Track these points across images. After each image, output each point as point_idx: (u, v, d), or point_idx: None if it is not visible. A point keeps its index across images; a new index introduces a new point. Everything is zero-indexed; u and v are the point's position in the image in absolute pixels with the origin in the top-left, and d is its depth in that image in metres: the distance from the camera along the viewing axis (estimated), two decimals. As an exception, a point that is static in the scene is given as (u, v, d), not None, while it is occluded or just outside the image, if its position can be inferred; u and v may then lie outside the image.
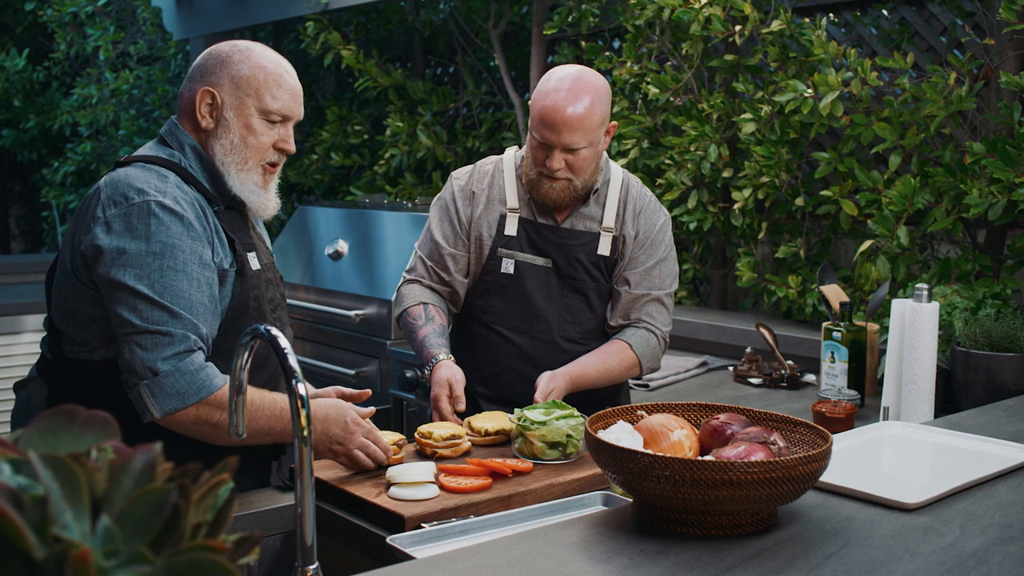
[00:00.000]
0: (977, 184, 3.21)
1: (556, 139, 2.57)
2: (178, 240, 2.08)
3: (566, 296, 2.74)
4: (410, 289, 2.80)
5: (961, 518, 1.74)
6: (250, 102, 2.22)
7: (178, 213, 2.09)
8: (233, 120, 2.22)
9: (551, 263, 2.73)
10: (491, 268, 2.74)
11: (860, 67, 3.54)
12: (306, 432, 1.60)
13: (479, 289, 2.76)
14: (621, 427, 1.86)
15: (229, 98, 2.22)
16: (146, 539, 0.74)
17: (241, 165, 2.23)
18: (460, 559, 1.53)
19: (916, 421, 2.56)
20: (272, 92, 2.23)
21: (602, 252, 2.74)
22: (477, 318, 2.78)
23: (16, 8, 8.89)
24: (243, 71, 2.22)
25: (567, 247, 2.73)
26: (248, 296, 2.23)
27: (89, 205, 2.13)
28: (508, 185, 2.76)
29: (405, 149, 5.77)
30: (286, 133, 2.28)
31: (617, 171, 2.82)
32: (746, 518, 1.62)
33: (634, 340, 2.75)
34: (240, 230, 2.28)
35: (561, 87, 2.58)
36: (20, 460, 0.76)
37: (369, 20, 6.71)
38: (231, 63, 2.23)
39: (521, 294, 2.73)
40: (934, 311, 2.62)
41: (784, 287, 3.84)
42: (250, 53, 2.25)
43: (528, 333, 2.73)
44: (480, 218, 2.75)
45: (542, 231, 2.73)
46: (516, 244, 2.73)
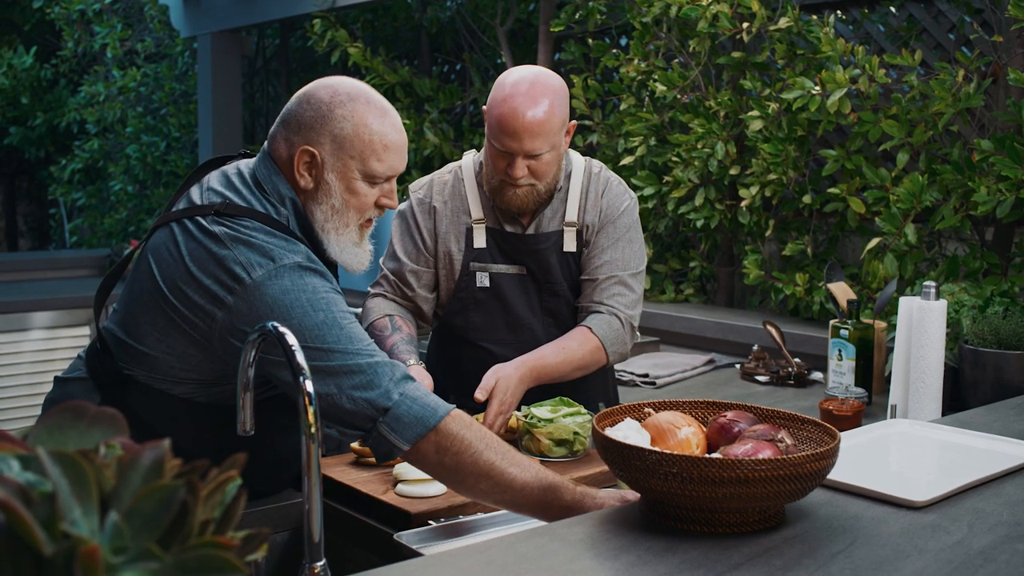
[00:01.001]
0: (985, 182, 3.21)
1: (518, 147, 2.48)
2: (333, 293, 1.96)
3: (546, 301, 2.67)
4: (375, 303, 2.71)
5: (969, 516, 1.73)
6: (353, 164, 2.04)
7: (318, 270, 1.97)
8: (335, 183, 2.05)
9: (525, 270, 2.66)
10: (466, 284, 2.66)
11: (868, 64, 3.54)
12: (313, 429, 1.60)
13: (456, 307, 2.68)
14: (628, 424, 1.86)
15: (330, 159, 2.04)
16: (154, 535, 0.74)
17: (342, 229, 2.08)
18: (467, 556, 1.53)
19: (924, 419, 2.56)
20: (378, 155, 2.05)
21: (568, 249, 2.66)
22: (459, 337, 2.70)
23: (24, 6, 8.91)
24: (346, 130, 2.03)
25: (536, 252, 2.65)
26: None
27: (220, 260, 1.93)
28: (470, 195, 2.67)
29: (412, 147, 5.78)
30: (389, 189, 2.12)
31: (579, 162, 2.74)
32: (753, 516, 1.62)
33: (595, 324, 2.63)
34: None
35: (518, 91, 2.49)
36: (29, 456, 0.76)
37: (376, 17, 6.71)
38: (332, 120, 2.03)
39: (501, 306, 2.66)
40: (942, 309, 2.61)
41: (791, 285, 3.84)
42: (354, 107, 2.04)
43: (514, 345, 2.64)
44: (446, 233, 2.67)
45: (510, 239, 2.66)
46: (487, 256, 2.66)
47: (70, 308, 5.24)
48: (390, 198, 2.12)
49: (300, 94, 2.09)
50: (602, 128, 4.67)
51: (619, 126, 4.55)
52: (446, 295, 2.69)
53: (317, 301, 1.92)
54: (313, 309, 1.91)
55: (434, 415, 1.87)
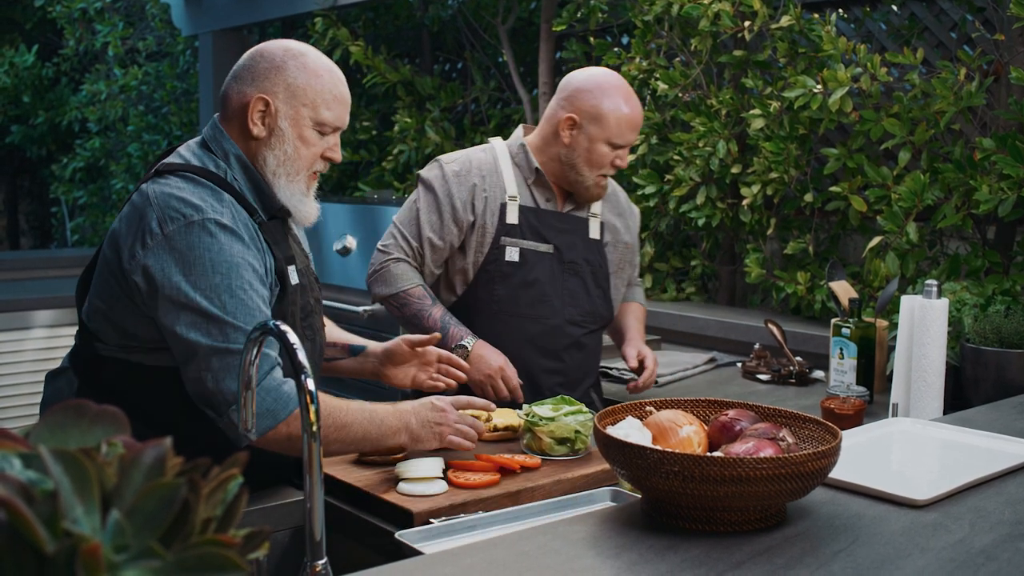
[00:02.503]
0: (987, 180, 3.20)
1: (634, 138, 2.80)
2: (240, 259, 2.04)
3: (567, 280, 2.83)
4: (401, 269, 2.79)
5: (971, 515, 1.73)
6: (305, 112, 2.16)
7: (238, 233, 2.06)
8: (288, 130, 2.16)
9: (552, 248, 2.81)
10: (495, 257, 2.77)
11: (870, 63, 3.53)
12: (315, 427, 1.60)
13: (482, 279, 2.79)
14: (630, 423, 1.86)
15: (284, 107, 2.16)
16: (156, 534, 0.74)
17: (293, 176, 2.19)
18: (468, 555, 1.53)
19: (925, 418, 2.56)
20: (328, 104, 2.18)
21: (593, 236, 2.89)
22: (480, 309, 2.80)
23: (25, 4, 8.92)
24: (300, 80, 2.16)
25: (567, 232, 2.85)
26: (287, 311, 2.19)
27: (143, 216, 2.05)
28: (506, 173, 2.83)
29: (413, 145, 5.77)
30: (335, 142, 2.24)
31: None
32: (755, 514, 1.62)
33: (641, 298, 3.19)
34: (281, 241, 2.23)
35: (625, 91, 2.79)
36: (30, 455, 0.76)
37: (377, 16, 6.71)
38: (286, 70, 2.16)
39: (526, 281, 2.78)
40: (944, 307, 2.61)
41: (793, 283, 3.83)
42: (305, 60, 2.18)
43: (534, 318, 2.80)
44: (483, 207, 2.78)
45: (544, 217, 2.82)
46: (518, 232, 2.79)
47: (71, 307, 5.21)
48: (334, 151, 2.24)
49: (251, 51, 2.22)
50: (603, 127, 4.66)
51: (621, 124, 4.54)
52: (472, 268, 2.79)
53: (220, 263, 2.02)
54: (213, 270, 2.01)
55: (285, 408, 1.99)
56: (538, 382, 2.81)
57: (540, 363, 2.81)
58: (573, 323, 2.83)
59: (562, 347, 2.82)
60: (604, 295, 2.89)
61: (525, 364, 2.78)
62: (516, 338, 2.79)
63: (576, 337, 2.84)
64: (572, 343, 2.83)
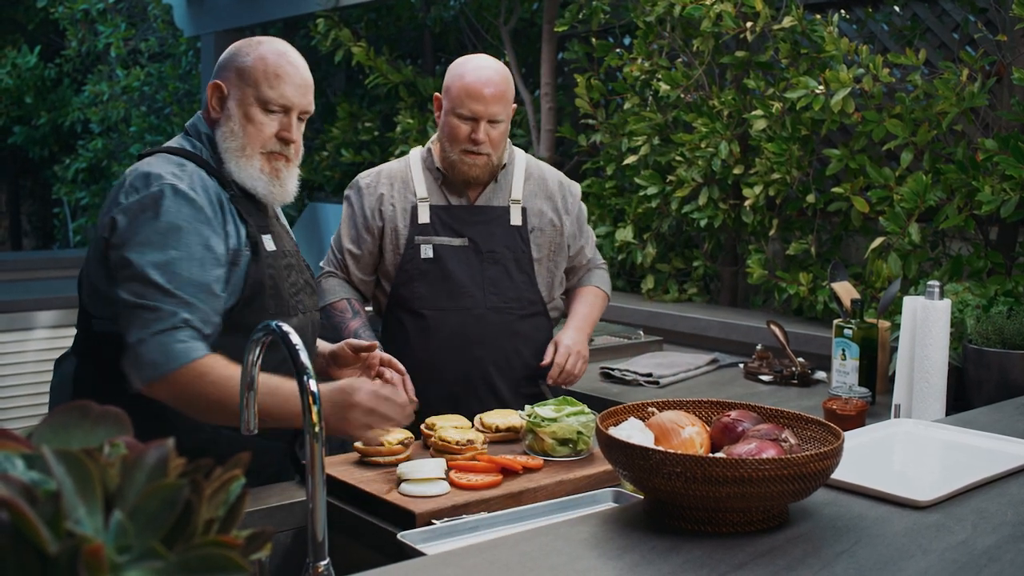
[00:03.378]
0: (989, 181, 3.20)
1: (484, 110, 2.78)
2: (186, 223, 2.13)
3: (487, 269, 2.89)
4: (330, 283, 2.98)
5: (973, 516, 1.73)
6: (250, 92, 2.27)
7: (190, 197, 2.15)
8: (235, 110, 2.29)
9: (467, 241, 2.88)
10: (411, 256, 2.87)
11: (872, 64, 3.53)
12: (317, 428, 1.60)
13: (402, 279, 2.89)
14: (632, 424, 1.86)
15: (233, 90, 2.29)
16: (159, 534, 0.74)
17: (239, 152, 2.28)
18: (471, 555, 1.53)
19: (928, 419, 2.55)
20: (270, 82, 2.27)
21: (514, 223, 2.92)
22: (404, 307, 2.90)
23: (28, 5, 8.92)
24: (247, 63, 2.29)
25: (482, 223, 2.90)
26: (263, 275, 2.26)
27: (115, 193, 2.20)
28: (416, 178, 2.93)
29: (415, 145, 5.76)
30: (288, 122, 2.31)
31: (519, 151, 3.04)
32: (757, 515, 1.62)
33: (599, 281, 3.13)
34: (256, 214, 2.32)
35: (480, 65, 2.83)
36: (33, 455, 0.76)
37: (379, 17, 6.71)
38: (239, 56, 2.31)
39: (443, 275, 2.87)
40: (946, 308, 2.61)
41: (795, 284, 3.83)
42: (259, 46, 2.32)
43: (455, 310, 2.87)
44: (392, 212, 2.90)
45: (456, 212, 2.90)
46: (431, 230, 2.88)
47: (74, 307, 5.22)
48: (287, 131, 2.30)
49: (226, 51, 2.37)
50: (605, 127, 4.67)
51: (623, 125, 4.55)
52: (393, 269, 2.91)
53: (170, 230, 2.11)
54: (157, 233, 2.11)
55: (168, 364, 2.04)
56: (473, 373, 2.87)
57: (471, 353, 2.86)
58: (496, 310, 2.89)
59: (489, 335, 2.88)
60: (529, 280, 2.93)
61: (456, 356, 2.86)
62: (442, 331, 2.87)
63: (505, 323, 2.89)
64: (503, 330, 2.89)
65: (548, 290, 2.98)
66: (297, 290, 2.38)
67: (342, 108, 6.47)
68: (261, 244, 2.28)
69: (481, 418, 2.50)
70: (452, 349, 2.86)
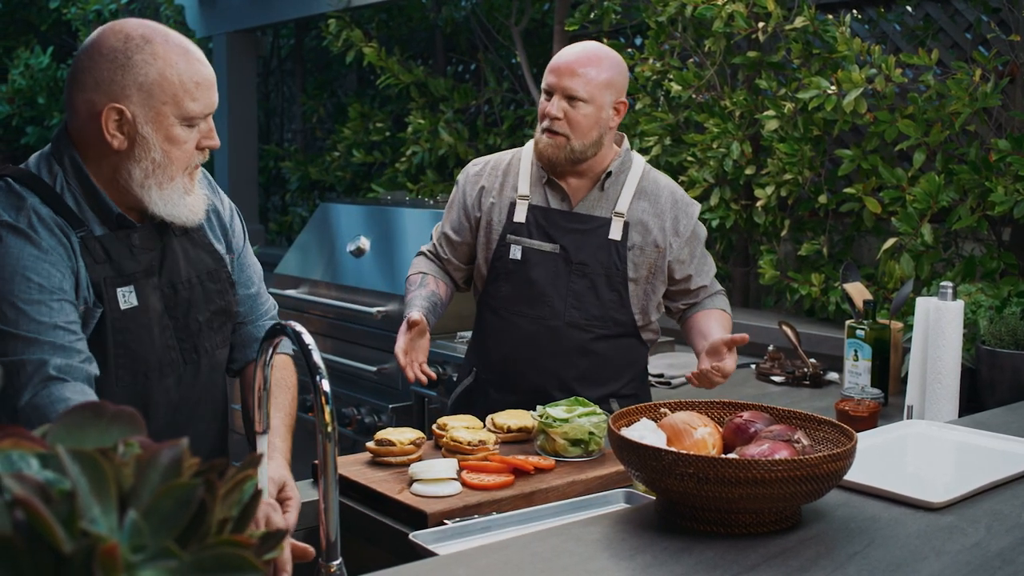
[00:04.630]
0: (1002, 182, 3.19)
1: (557, 82, 2.67)
2: (29, 263, 1.86)
3: (573, 282, 2.73)
4: (417, 260, 2.92)
5: (987, 518, 1.72)
6: (168, 111, 1.91)
7: (29, 236, 1.87)
8: (152, 136, 1.92)
9: (559, 248, 2.74)
10: (500, 255, 2.78)
11: (884, 64, 3.52)
12: (329, 428, 1.60)
13: (491, 276, 2.81)
14: (644, 424, 1.86)
15: (142, 111, 1.90)
16: (173, 534, 0.74)
17: (166, 183, 1.95)
18: (483, 556, 1.53)
19: (940, 420, 2.55)
20: (192, 94, 1.93)
21: (613, 237, 2.73)
22: (487, 304, 2.83)
23: (41, 6, 8.95)
24: (151, 76, 1.89)
25: (577, 232, 2.74)
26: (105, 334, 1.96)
27: None
28: (522, 172, 2.81)
29: (427, 146, 5.78)
30: (207, 127, 1.99)
31: (639, 161, 2.84)
32: (770, 516, 1.62)
33: (724, 305, 2.86)
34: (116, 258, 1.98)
35: (577, 45, 2.76)
36: (48, 455, 0.76)
37: (391, 17, 6.72)
38: (133, 68, 1.89)
39: (527, 280, 2.75)
40: (959, 309, 2.60)
41: (807, 285, 3.83)
42: (153, 49, 1.91)
43: (532, 318, 2.75)
44: (491, 205, 2.81)
45: (552, 216, 2.76)
46: (524, 231, 2.76)
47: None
48: (210, 137, 2.00)
49: (88, 46, 1.93)
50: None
51: (634, 126, 4.54)
52: (484, 264, 2.82)
53: (4, 269, 1.85)
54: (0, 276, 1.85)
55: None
56: (546, 385, 2.74)
57: (544, 364, 2.73)
58: (575, 326, 2.72)
59: (562, 350, 2.72)
60: (620, 299, 2.73)
61: (528, 365, 2.76)
62: (514, 336, 2.77)
63: (582, 341, 2.73)
64: (576, 347, 2.72)
65: (642, 313, 2.78)
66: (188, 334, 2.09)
67: (353, 108, 6.48)
68: (106, 300, 1.96)
69: (492, 418, 2.49)
70: (525, 357, 2.75)
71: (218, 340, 2.16)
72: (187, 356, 2.09)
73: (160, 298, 2.04)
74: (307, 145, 7.65)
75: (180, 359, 2.07)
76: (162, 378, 2.04)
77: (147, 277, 2.01)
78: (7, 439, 0.77)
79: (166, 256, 2.05)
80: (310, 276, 4.73)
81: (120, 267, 1.97)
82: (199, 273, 2.11)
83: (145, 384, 2.02)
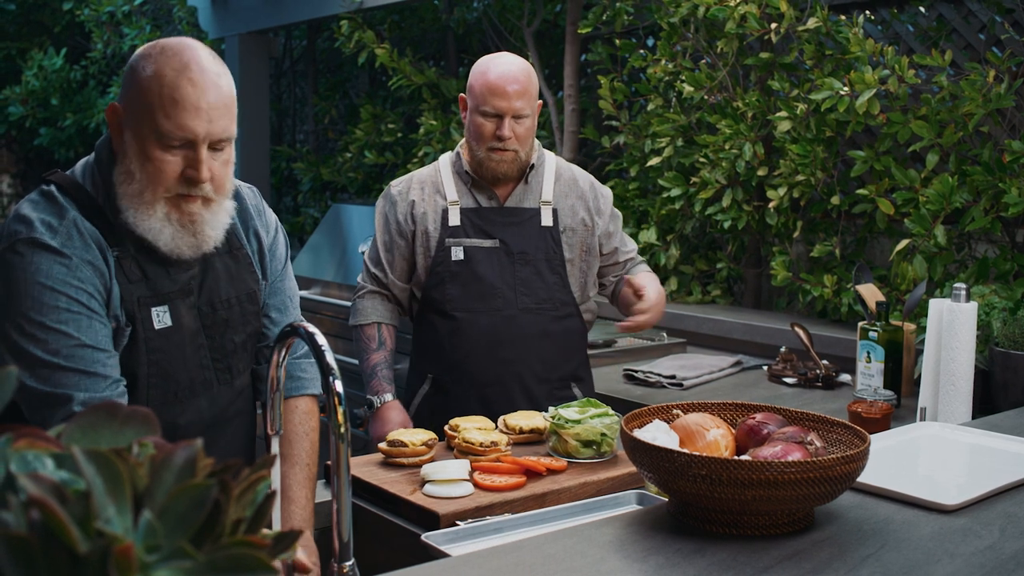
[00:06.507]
0: (1016, 183, 3.18)
1: (507, 106, 2.79)
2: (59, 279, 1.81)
3: (518, 270, 2.88)
4: (364, 304, 2.97)
5: (1001, 520, 1.72)
6: (145, 121, 1.82)
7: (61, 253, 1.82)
8: (131, 143, 1.85)
9: (498, 243, 2.88)
10: (442, 259, 2.87)
11: (897, 65, 3.51)
12: (343, 429, 1.60)
13: (433, 281, 2.89)
14: (657, 426, 1.86)
15: (128, 115, 1.85)
16: (187, 534, 0.75)
17: (137, 199, 1.85)
18: (495, 557, 1.53)
19: (954, 422, 2.54)
20: (166, 110, 1.80)
21: (545, 224, 2.91)
22: (434, 309, 2.90)
23: (54, 8, 8.98)
24: (142, 81, 1.82)
25: (513, 224, 2.90)
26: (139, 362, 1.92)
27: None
28: (446, 181, 2.93)
29: (438, 147, 5.78)
30: (195, 157, 1.83)
31: (550, 154, 3.04)
32: (783, 518, 1.62)
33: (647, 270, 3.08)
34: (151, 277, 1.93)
35: (503, 62, 2.84)
36: (63, 455, 0.76)
37: (403, 19, 6.72)
38: (136, 71, 1.84)
39: (474, 276, 2.86)
40: (972, 311, 2.59)
41: (819, 286, 3.82)
42: (159, 57, 1.83)
43: (486, 312, 2.86)
44: (423, 215, 2.90)
45: (486, 214, 2.90)
46: (462, 232, 2.89)
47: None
48: (195, 168, 1.83)
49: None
50: (629, 129, 4.66)
51: (646, 127, 4.54)
52: (424, 272, 2.91)
53: (32, 286, 1.79)
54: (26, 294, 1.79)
55: None
56: (505, 374, 2.85)
57: (502, 354, 2.84)
58: (529, 311, 2.87)
59: (520, 336, 2.85)
60: (561, 280, 2.91)
61: (487, 358, 2.85)
62: (473, 332, 2.85)
63: (539, 326, 2.88)
64: (535, 331, 2.87)
65: (581, 291, 2.97)
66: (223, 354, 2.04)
67: (365, 110, 6.49)
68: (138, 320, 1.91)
69: (505, 420, 2.50)
70: (483, 351, 2.85)
71: (248, 360, 2.13)
72: (221, 377, 2.04)
73: (197, 316, 1.99)
74: (319, 146, 7.67)
75: (215, 379, 2.03)
76: (193, 397, 2.00)
77: (184, 297, 1.97)
78: (22, 439, 0.77)
79: (207, 275, 2.00)
80: (322, 277, 4.74)
81: (156, 286, 1.93)
82: (239, 294, 2.06)
83: (176, 403, 1.98)
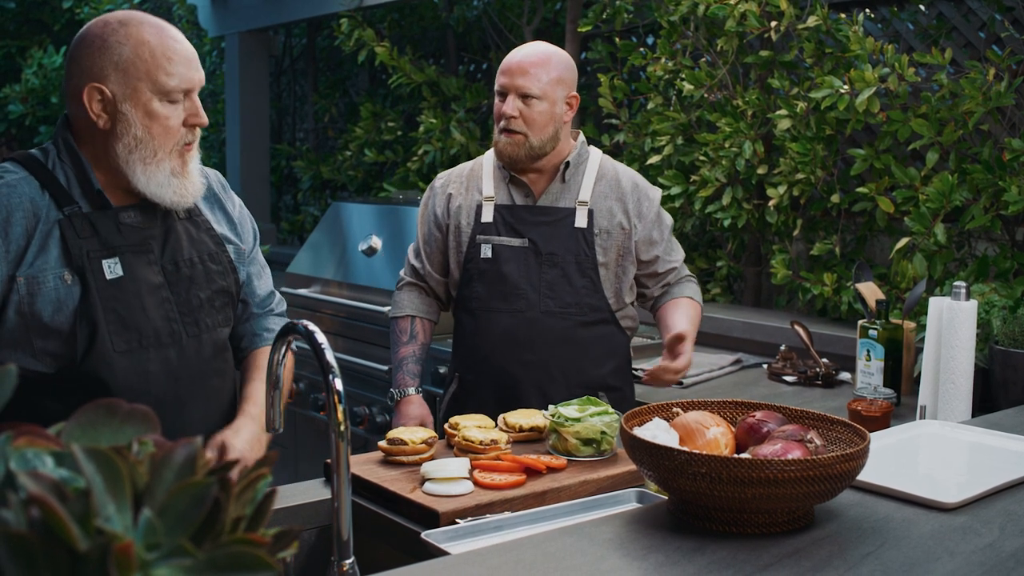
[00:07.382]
0: (1016, 181, 3.18)
1: (510, 83, 2.78)
2: None
3: (544, 272, 2.83)
4: (402, 296, 3.00)
5: (1000, 518, 1.72)
6: (144, 87, 2.00)
7: None
8: (131, 112, 2.01)
9: (528, 242, 2.84)
10: (472, 256, 2.86)
11: (897, 63, 3.51)
12: (342, 427, 1.60)
13: (464, 279, 2.88)
14: (657, 424, 1.85)
15: (120, 89, 2.00)
16: (187, 532, 0.75)
17: (150, 159, 2.03)
18: (495, 555, 1.53)
19: (954, 420, 2.54)
20: (165, 69, 2.00)
21: (579, 225, 2.83)
22: (463, 307, 2.90)
23: (54, 6, 8.98)
24: (125, 54, 1.99)
25: (545, 224, 2.84)
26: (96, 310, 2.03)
27: None
28: (486, 177, 2.92)
29: (438, 146, 5.78)
30: (192, 106, 2.06)
31: (596, 152, 2.95)
32: (782, 516, 1.62)
33: (693, 292, 2.97)
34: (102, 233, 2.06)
35: (526, 45, 2.87)
36: (63, 453, 0.76)
37: (403, 17, 6.72)
38: (109, 49, 2.00)
39: (499, 276, 2.83)
40: (972, 309, 2.59)
41: (819, 285, 3.82)
42: (127, 30, 2.01)
43: (508, 312, 2.82)
44: (458, 210, 2.90)
45: (518, 212, 2.86)
46: (493, 229, 2.85)
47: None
48: (197, 115, 2.07)
49: (76, 38, 2.06)
50: (629, 127, 4.66)
51: (646, 125, 4.53)
52: (456, 268, 2.90)
53: None
54: None
55: None
56: (524, 377, 2.81)
57: (522, 356, 2.80)
58: (551, 314, 2.80)
59: (542, 339, 2.80)
60: (592, 285, 2.81)
61: (506, 359, 2.82)
62: (494, 332, 2.83)
63: (561, 329, 2.80)
64: (557, 336, 2.80)
65: (615, 296, 2.86)
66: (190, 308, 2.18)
67: (365, 108, 6.48)
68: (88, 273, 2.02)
69: (504, 418, 2.50)
70: (503, 352, 2.82)
71: (220, 319, 2.25)
72: (188, 329, 2.17)
73: (160, 272, 2.13)
74: (319, 144, 7.66)
75: (182, 331, 2.16)
76: (161, 347, 2.12)
77: (140, 253, 2.10)
78: (22, 437, 0.77)
79: (169, 236, 2.15)
80: (322, 275, 4.74)
81: (106, 241, 2.05)
82: (200, 254, 2.21)
83: (142, 351, 2.10)
